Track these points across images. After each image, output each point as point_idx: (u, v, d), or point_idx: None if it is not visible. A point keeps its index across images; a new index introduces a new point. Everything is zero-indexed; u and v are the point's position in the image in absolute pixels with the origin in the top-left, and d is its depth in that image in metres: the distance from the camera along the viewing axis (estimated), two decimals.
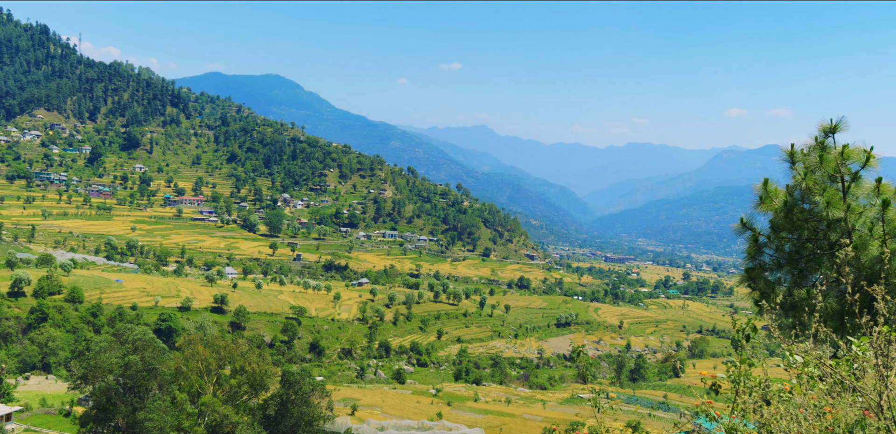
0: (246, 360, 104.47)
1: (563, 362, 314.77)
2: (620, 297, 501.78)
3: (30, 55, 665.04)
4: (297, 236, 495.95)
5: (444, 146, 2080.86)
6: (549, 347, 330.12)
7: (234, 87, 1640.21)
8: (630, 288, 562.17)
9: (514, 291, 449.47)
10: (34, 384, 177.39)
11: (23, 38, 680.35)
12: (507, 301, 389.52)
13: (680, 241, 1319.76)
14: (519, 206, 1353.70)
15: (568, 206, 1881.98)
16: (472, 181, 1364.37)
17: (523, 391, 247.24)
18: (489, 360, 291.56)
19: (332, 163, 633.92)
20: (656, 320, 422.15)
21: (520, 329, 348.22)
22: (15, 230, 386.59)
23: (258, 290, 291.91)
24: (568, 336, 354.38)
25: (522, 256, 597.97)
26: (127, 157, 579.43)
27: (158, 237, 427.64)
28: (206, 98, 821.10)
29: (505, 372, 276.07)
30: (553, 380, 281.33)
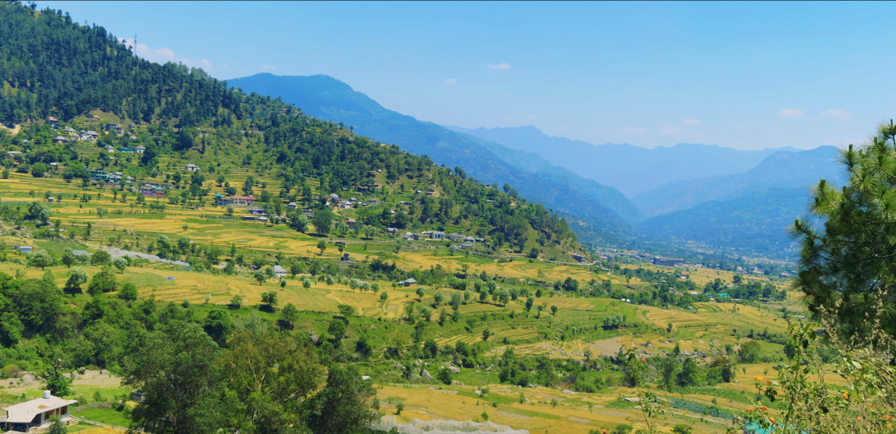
0: (294, 359, 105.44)
1: (610, 365, 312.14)
2: (669, 300, 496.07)
3: (87, 57, 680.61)
4: (345, 236, 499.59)
5: (492, 147, 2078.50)
6: (595, 350, 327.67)
7: (284, 87, 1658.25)
8: (679, 291, 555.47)
9: (560, 293, 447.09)
10: (89, 378, 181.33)
11: (80, 41, 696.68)
12: (554, 302, 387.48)
13: (731, 243, 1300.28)
14: (567, 207, 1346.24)
15: (616, 207, 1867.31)
16: (520, 182, 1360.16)
17: (569, 393, 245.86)
18: (535, 361, 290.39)
19: (380, 163, 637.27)
20: (706, 324, 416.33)
21: (566, 331, 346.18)
22: (71, 228, 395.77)
23: (306, 289, 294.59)
24: (615, 339, 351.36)
25: (570, 258, 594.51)
26: (179, 157, 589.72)
27: (209, 236, 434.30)
28: (256, 99, 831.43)
29: (551, 374, 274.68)
30: (600, 382, 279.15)
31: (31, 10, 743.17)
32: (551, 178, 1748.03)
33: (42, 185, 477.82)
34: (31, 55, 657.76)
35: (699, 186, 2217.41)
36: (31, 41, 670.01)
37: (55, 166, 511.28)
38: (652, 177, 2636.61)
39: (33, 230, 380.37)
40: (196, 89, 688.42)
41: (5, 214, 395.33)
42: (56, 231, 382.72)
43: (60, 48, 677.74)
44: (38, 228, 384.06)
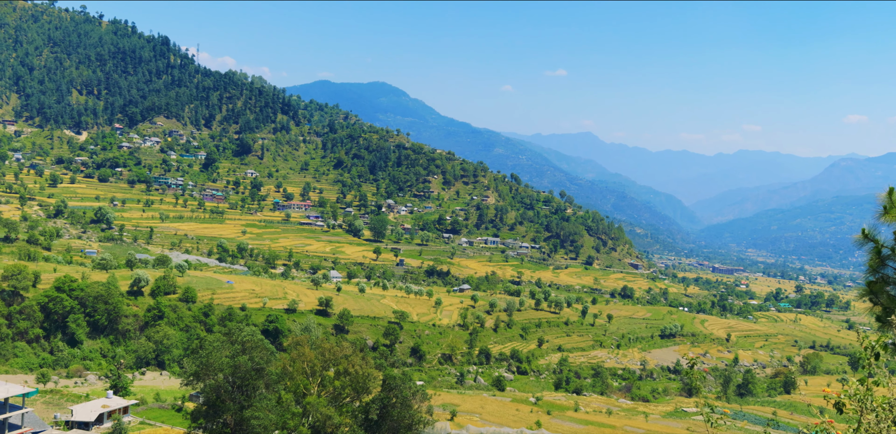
0: (349, 363, 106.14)
1: (667, 374, 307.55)
2: (728, 309, 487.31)
3: (151, 65, 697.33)
4: (401, 242, 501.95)
5: (548, 153, 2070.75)
6: (652, 359, 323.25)
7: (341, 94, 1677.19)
8: (739, 300, 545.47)
9: (616, 301, 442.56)
10: (149, 379, 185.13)
11: (145, 50, 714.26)
12: (610, 310, 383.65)
13: (792, 252, 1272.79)
14: (623, 214, 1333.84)
15: (674, 214, 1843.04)
16: (576, 188, 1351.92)
17: (625, 403, 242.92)
18: (590, 369, 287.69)
19: (435, 169, 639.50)
20: (766, 334, 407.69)
21: (622, 339, 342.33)
22: (135, 232, 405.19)
23: (361, 294, 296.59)
24: (672, 348, 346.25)
25: (626, 265, 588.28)
26: (239, 163, 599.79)
27: (267, 240, 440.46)
28: (314, 105, 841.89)
29: (606, 382, 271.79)
30: (656, 392, 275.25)
31: (98, 21, 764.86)
32: (608, 184, 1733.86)
33: (107, 190, 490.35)
34: (98, 64, 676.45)
35: (760, 194, 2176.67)
36: (99, 50, 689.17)
37: (120, 172, 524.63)
38: (711, 184, 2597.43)
39: (98, 234, 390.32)
40: (256, 96, 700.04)
41: (72, 219, 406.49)
42: (120, 235, 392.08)
43: (126, 57, 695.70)
44: (103, 232, 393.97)
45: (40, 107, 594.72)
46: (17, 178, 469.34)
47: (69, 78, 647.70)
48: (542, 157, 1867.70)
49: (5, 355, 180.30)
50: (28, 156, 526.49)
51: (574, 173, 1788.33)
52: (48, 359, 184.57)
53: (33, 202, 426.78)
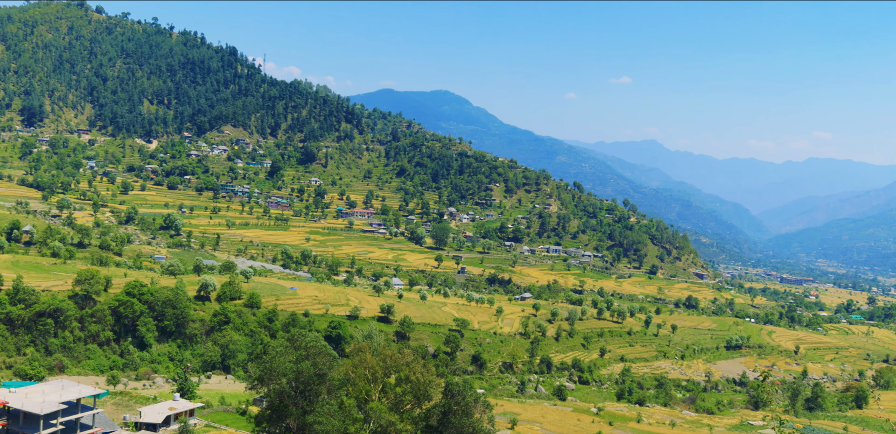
0: (411, 370, 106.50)
1: (733, 387, 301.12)
2: (797, 321, 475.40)
3: (219, 75, 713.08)
4: (462, 249, 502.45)
5: (612, 161, 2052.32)
6: (717, 370, 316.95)
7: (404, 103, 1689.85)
8: (808, 311, 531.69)
9: (681, 311, 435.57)
10: (215, 383, 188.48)
11: (214, 60, 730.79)
12: (674, 321, 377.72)
13: (865, 262, 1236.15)
14: (688, 222, 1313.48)
15: (741, 223, 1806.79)
16: (640, 197, 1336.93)
17: (689, 415, 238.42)
18: (653, 380, 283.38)
19: (497, 177, 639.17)
20: (837, 347, 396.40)
21: (686, 350, 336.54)
22: (202, 238, 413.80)
23: (423, 302, 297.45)
24: (738, 359, 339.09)
25: (691, 275, 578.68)
26: (303, 171, 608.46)
27: (330, 247, 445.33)
28: (378, 114, 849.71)
29: (670, 394, 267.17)
30: (721, 404, 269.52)
31: (169, 32, 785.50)
32: (672, 193, 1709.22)
33: (176, 197, 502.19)
34: (168, 74, 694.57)
35: (831, 203, 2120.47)
36: (169, 61, 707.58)
37: (188, 179, 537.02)
38: (779, 192, 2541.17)
39: (167, 240, 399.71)
40: (320, 105, 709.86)
41: (142, 225, 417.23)
42: (188, 241, 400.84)
43: (195, 67, 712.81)
44: (172, 238, 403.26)
45: (113, 116, 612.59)
46: (91, 186, 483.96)
47: (141, 88, 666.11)
48: (605, 165, 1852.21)
49: (78, 357, 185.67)
50: (101, 164, 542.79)
51: (638, 181, 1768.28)
52: (118, 361, 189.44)
53: (105, 209, 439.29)
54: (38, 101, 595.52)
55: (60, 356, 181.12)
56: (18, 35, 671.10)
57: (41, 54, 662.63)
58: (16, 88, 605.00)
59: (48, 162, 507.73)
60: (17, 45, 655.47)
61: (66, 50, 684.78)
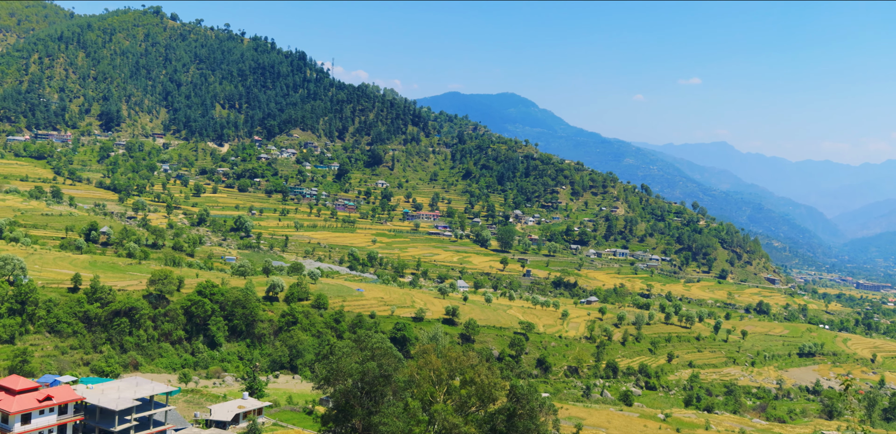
0: (476, 372, 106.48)
1: (806, 395, 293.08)
2: (874, 328, 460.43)
3: (289, 80, 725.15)
4: (528, 252, 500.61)
5: (680, 163, 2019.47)
6: (789, 378, 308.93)
7: (471, 105, 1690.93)
8: (886, 318, 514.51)
9: (751, 316, 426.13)
10: (282, 382, 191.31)
11: (283, 65, 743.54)
12: (744, 326, 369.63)
13: None
14: (759, 226, 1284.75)
15: (815, 227, 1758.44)
16: (709, 200, 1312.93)
17: (759, 423, 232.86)
18: (722, 387, 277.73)
19: (564, 180, 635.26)
20: None
21: (757, 357, 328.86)
22: (271, 240, 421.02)
23: (487, 304, 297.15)
24: (811, 367, 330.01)
25: (762, 280, 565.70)
26: (370, 174, 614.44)
27: (396, 250, 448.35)
28: (444, 117, 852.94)
29: (739, 401, 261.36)
30: (793, 413, 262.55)
31: (241, 38, 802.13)
32: (743, 195, 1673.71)
33: (246, 199, 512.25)
34: (239, 79, 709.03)
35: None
36: (240, 66, 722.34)
37: (258, 182, 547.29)
38: (856, 195, 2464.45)
39: (237, 241, 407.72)
40: (387, 109, 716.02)
41: (213, 227, 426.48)
42: (257, 243, 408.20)
43: (266, 72, 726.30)
44: (242, 240, 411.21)
45: (186, 120, 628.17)
46: (165, 188, 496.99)
47: (213, 93, 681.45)
48: (674, 167, 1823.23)
49: (151, 355, 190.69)
50: (174, 167, 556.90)
51: (707, 184, 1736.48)
52: (189, 360, 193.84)
53: (178, 211, 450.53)
54: (115, 106, 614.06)
55: (135, 354, 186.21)
56: (98, 42, 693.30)
57: (119, 61, 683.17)
58: (95, 94, 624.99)
59: (124, 165, 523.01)
60: (96, 52, 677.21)
61: (142, 56, 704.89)
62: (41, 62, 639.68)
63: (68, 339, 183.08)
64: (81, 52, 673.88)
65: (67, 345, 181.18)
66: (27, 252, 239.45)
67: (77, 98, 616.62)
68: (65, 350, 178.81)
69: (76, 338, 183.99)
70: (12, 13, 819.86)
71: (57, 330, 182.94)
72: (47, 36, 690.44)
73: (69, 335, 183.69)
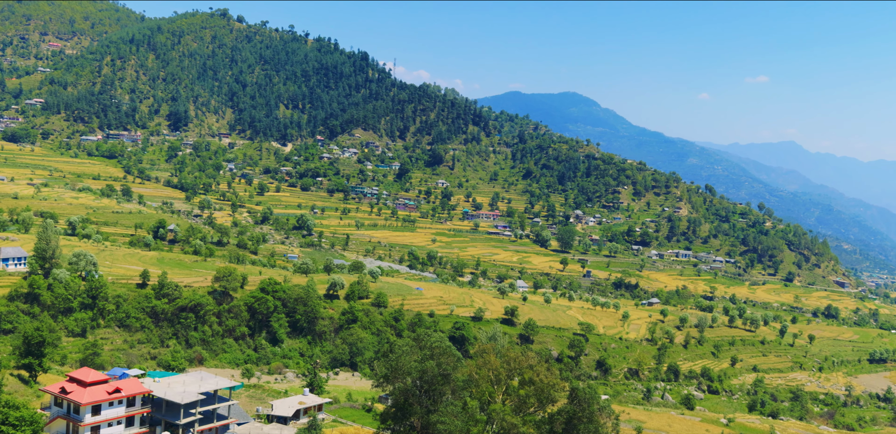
0: (534, 373, 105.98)
1: (876, 402, 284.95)
2: None
3: (351, 80, 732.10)
4: (588, 253, 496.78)
5: (746, 163, 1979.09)
6: (858, 385, 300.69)
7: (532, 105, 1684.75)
8: None
9: (819, 320, 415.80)
10: (342, 379, 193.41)
11: (346, 65, 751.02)
12: (811, 330, 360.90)
13: None
14: (829, 228, 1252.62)
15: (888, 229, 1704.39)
16: (776, 201, 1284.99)
17: (827, 430, 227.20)
18: (788, 392, 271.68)
19: (625, 180, 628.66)
20: None
21: (825, 362, 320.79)
22: (332, 238, 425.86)
23: (547, 305, 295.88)
24: (882, 374, 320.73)
25: (831, 283, 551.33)
26: (430, 173, 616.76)
27: (456, 249, 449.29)
28: (505, 116, 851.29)
29: (806, 407, 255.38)
30: (863, 421, 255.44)
31: (304, 39, 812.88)
32: (812, 196, 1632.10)
33: (308, 198, 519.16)
34: (303, 80, 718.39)
35: None
36: (304, 67, 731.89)
37: (320, 181, 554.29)
38: None
39: (299, 240, 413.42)
40: (448, 108, 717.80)
41: (276, 225, 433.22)
42: (319, 241, 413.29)
43: (328, 72, 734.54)
44: (304, 238, 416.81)
45: (251, 120, 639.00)
46: (230, 187, 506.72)
47: (277, 93, 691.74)
48: (740, 167, 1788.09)
49: (215, 350, 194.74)
50: (239, 166, 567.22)
51: (774, 185, 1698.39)
52: (252, 355, 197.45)
53: (243, 209, 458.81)
54: (183, 106, 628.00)
55: (200, 349, 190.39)
56: (167, 44, 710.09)
57: (187, 62, 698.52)
58: (164, 95, 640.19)
59: (191, 164, 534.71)
60: (165, 54, 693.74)
61: (209, 58, 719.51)
62: (113, 64, 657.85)
63: (136, 333, 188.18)
64: (151, 54, 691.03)
65: (136, 339, 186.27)
66: (98, 248, 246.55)
67: (147, 99, 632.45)
68: (133, 344, 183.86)
69: (144, 332, 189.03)
70: (86, 17, 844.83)
71: (126, 324, 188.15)
72: (119, 39, 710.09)
73: (137, 330, 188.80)
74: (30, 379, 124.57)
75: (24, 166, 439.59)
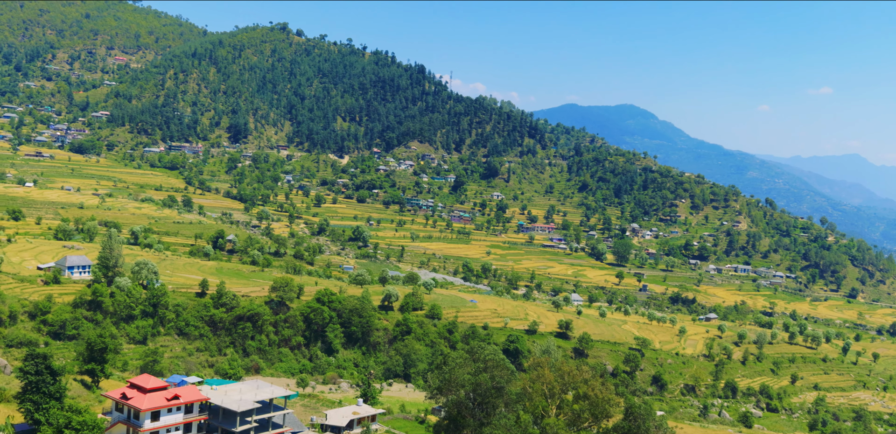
0: (589, 387, 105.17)
1: None
2: None
3: (408, 93, 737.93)
4: (644, 267, 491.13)
5: (808, 176, 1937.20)
6: None
7: (588, 117, 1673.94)
8: None
9: (884, 338, 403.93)
10: (395, 390, 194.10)
11: (403, 78, 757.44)
12: (876, 349, 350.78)
13: None
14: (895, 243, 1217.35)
15: None
16: (839, 215, 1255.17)
17: None
18: (851, 412, 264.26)
19: (683, 193, 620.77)
20: None
21: (890, 381, 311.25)
22: (387, 250, 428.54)
23: (602, 319, 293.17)
24: None
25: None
26: (486, 186, 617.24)
27: (510, 262, 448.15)
28: (561, 129, 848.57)
29: (869, 427, 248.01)
30: None
31: (362, 52, 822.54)
32: (877, 210, 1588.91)
33: (364, 210, 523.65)
34: (360, 92, 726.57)
35: None
36: (361, 80, 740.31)
37: (376, 193, 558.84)
38: None
39: (355, 251, 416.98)
40: (504, 121, 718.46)
41: (332, 236, 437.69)
42: (374, 252, 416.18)
43: (385, 85, 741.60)
44: (359, 249, 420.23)
45: (309, 133, 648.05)
46: (287, 198, 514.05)
47: (334, 106, 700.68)
48: (801, 180, 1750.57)
49: (271, 359, 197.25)
50: (297, 178, 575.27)
51: (837, 198, 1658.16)
52: (307, 365, 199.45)
53: (300, 220, 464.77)
54: (243, 119, 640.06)
55: (256, 358, 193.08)
56: (228, 58, 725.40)
57: (247, 76, 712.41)
58: (224, 108, 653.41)
59: (250, 176, 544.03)
60: (226, 67, 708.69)
61: (268, 71, 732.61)
62: (176, 77, 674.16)
63: (195, 341, 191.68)
64: (213, 67, 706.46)
65: (194, 347, 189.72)
66: (159, 258, 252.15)
67: (208, 111, 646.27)
68: (191, 352, 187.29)
69: (202, 340, 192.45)
70: (151, 31, 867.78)
71: (185, 332, 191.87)
72: (182, 52, 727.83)
73: (196, 338, 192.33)
74: (92, 384, 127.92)
75: (89, 177, 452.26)
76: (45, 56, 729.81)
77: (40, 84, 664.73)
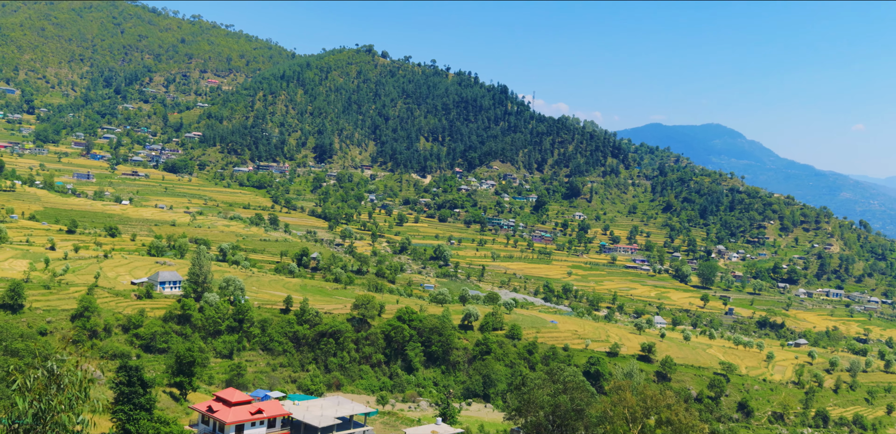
0: (672, 412, 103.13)
1: None
2: None
3: (490, 113, 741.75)
4: (730, 289, 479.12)
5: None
6: None
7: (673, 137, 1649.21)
8: None
9: None
10: (474, 410, 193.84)
11: (486, 98, 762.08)
12: None
13: None
14: None
15: None
16: None
17: None
18: None
19: (772, 214, 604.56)
20: None
21: None
22: (468, 269, 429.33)
23: (685, 342, 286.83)
24: None
25: None
26: (568, 206, 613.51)
27: (592, 282, 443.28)
28: (644, 149, 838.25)
29: None
30: None
31: (446, 73, 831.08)
32: None
33: (445, 229, 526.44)
34: (443, 113, 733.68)
35: None
36: (444, 100, 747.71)
37: (458, 213, 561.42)
38: None
39: (436, 270, 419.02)
40: (587, 141, 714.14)
41: (414, 255, 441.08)
42: (455, 271, 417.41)
43: (468, 106, 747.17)
44: (440, 268, 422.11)
45: (392, 153, 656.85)
46: (371, 217, 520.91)
47: (418, 126, 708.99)
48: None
49: (352, 376, 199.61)
50: (380, 197, 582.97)
51: None
52: (387, 383, 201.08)
53: (382, 239, 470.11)
54: (328, 139, 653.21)
55: (338, 374, 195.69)
56: (315, 80, 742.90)
57: (333, 97, 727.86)
58: (311, 128, 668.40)
59: (335, 195, 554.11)
60: (313, 89, 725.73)
61: (354, 92, 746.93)
62: (265, 99, 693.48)
63: (279, 356, 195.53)
64: (300, 89, 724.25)
65: (277, 362, 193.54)
66: (246, 274, 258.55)
67: (295, 132, 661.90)
68: (275, 367, 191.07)
69: (286, 356, 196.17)
70: (242, 54, 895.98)
71: (269, 348, 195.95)
72: (271, 75, 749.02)
73: (279, 353, 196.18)
74: (180, 396, 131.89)
75: (182, 195, 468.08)
76: (142, 79, 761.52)
77: (137, 106, 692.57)
